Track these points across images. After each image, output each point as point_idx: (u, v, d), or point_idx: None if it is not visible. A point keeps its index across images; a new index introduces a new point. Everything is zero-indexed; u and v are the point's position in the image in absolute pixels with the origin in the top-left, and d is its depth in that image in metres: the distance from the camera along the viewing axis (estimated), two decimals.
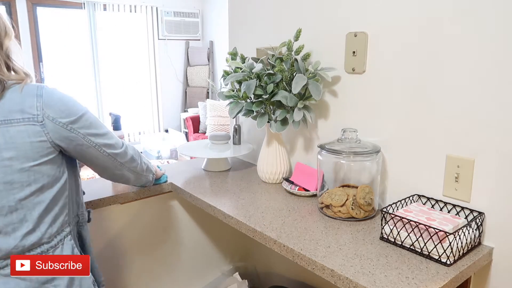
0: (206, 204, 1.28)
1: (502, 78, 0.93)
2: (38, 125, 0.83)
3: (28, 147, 0.82)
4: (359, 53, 1.21)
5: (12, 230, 0.85)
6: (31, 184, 0.84)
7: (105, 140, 0.99)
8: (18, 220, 0.85)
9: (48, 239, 0.91)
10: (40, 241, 0.89)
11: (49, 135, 0.85)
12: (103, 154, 1.00)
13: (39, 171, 0.85)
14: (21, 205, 0.85)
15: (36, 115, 0.83)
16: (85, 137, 0.93)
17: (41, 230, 0.89)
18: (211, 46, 6.04)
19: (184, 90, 6.12)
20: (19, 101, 0.83)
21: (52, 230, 0.91)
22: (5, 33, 0.86)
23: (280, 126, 1.33)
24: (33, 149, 0.83)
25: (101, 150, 0.98)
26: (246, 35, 1.65)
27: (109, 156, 1.01)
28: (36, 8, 4.94)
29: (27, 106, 0.83)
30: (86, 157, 0.98)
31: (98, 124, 0.97)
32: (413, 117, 1.11)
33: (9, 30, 0.88)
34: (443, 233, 0.90)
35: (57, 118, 0.86)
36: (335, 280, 0.88)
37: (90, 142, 0.94)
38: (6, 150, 0.80)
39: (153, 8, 5.68)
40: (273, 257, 1.72)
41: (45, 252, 0.91)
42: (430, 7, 1.04)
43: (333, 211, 1.14)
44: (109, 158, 1.02)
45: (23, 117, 0.82)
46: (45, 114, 0.84)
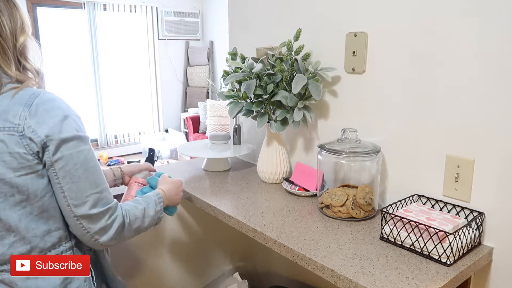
0: (206, 204, 1.28)
1: (502, 78, 0.93)
2: (17, 135, 0.78)
3: (7, 157, 0.78)
4: (359, 53, 1.22)
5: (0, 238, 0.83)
6: (14, 194, 0.80)
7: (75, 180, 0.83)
8: (4, 229, 0.83)
9: (40, 253, 0.87)
10: (30, 253, 0.86)
11: (28, 147, 0.79)
12: (70, 213, 0.85)
13: (22, 182, 0.80)
14: (6, 214, 0.81)
15: (17, 124, 0.78)
16: (53, 163, 0.81)
17: (32, 243, 0.85)
18: (211, 46, 6.04)
19: (184, 90, 6.12)
20: (6, 108, 0.79)
21: (45, 244, 0.87)
22: (21, 29, 0.84)
23: (280, 126, 1.33)
24: (13, 160, 0.78)
25: (60, 189, 0.83)
26: (246, 35, 1.65)
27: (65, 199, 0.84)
28: (36, 8, 4.94)
29: (11, 115, 0.79)
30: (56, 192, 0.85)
31: (88, 159, 0.84)
32: (413, 117, 1.11)
33: (26, 27, 0.85)
34: (443, 233, 0.90)
35: (36, 130, 0.79)
36: (335, 280, 0.88)
37: (54, 171, 0.82)
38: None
39: (153, 8, 5.68)
40: (273, 257, 1.72)
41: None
42: (430, 7, 1.04)
43: (333, 211, 1.14)
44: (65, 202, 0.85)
45: (3, 126, 0.78)
46: (27, 124, 0.79)
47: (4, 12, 0.82)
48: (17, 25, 0.83)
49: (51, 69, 5.11)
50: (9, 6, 0.83)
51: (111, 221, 0.89)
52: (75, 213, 0.85)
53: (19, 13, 0.85)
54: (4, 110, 0.79)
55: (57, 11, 5.12)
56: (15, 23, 0.83)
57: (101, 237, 0.88)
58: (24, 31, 0.85)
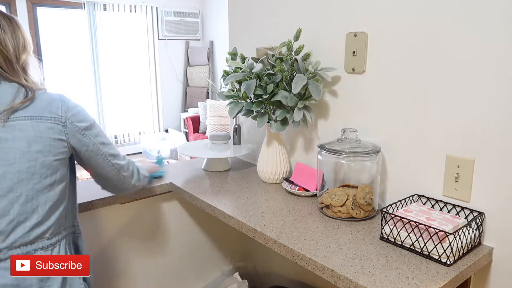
0: (206, 204, 1.28)
1: (502, 78, 0.93)
2: (61, 125, 0.92)
3: (51, 142, 0.90)
4: (359, 53, 1.22)
5: (23, 220, 0.88)
6: (47, 177, 0.90)
7: (111, 150, 1.05)
8: (31, 210, 0.89)
9: (50, 236, 0.93)
10: (43, 235, 0.92)
11: (67, 135, 0.93)
12: (108, 164, 1.05)
13: (55, 166, 0.92)
14: (37, 196, 0.89)
15: (60, 116, 0.92)
16: (95, 145, 1.00)
17: (47, 225, 0.92)
18: (211, 46, 6.04)
19: (184, 90, 6.12)
20: (48, 102, 0.92)
21: (55, 228, 0.94)
22: (23, 47, 0.94)
23: (280, 126, 1.33)
24: (55, 145, 0.91)
25: (107, 160, 1.04)
26: (246, 35, 1.65)
27: (113, 166, 1.06)
28: (36, 8, 4.94)
29: (54, 108, 0.92)
30: (93, 164, 1.03)
31: (104, 134, 1.04)
32: (413, 117, 1.11)
33: (28, 45, 0.95)
34: (443, 233, 0.90)
35: (75, 122, 0.95)
36: (335, 280, 0.88)
37: (98, 150, 1.01)
38: (34, 143, 0.88)
39: (153, 8, 5.68)
40: (273, 257, 1.72)
41: (45, 248, 0.92)
42: (430, 7, 1.04)
43: (333, 211, 1.14)
44: (113, 169, 1.07)
45: (50, 116, 0.91)
46: (67, 116, 0.93)
47: (7, 31, 0.91)
48: (20, 43, 0.93)
49: (51, 69, 5.11)
50: (12, 25, 0.92)
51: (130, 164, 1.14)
52: (117, 165, 1.07)
53: (21, 32, 0.94)
54: (48, 103, 0.92)
55: (57, 11, 5.12)
56: (18, 42, 0.93)
57: (132, 179, 1.14)
58: (26, 49, 0.95)
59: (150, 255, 1.55)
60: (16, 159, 0.85)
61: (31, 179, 0.87)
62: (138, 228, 1.49)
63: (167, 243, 1.59)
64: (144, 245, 1.53)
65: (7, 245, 0.87)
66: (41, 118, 0.89)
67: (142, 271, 1.55)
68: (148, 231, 1.53)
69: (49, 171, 0.90)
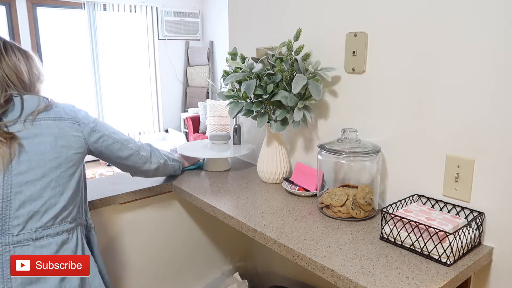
0: (206, 204, 1.28)
1: (502, 78, 0.93)
2: (77, 124, 1.05)
3: (72, 138, 1.03)
4: (359, 53, 1.22)
5: (54, 203, 0.98)
6: (69, 168, 1.02)
7: (123, 137, 1.19)
8: (59, 194, 0.99)
9: (71, 220, 1.02)
10: (66, 218, 1.01)
11: (83, 132, 1.06)
12: (126, 148, 1.19)
13: (75, 160, 1.04)
14: (63, 183, 1.01)
15: (74, 117, 1.06)
16: (109, 135, 1.13)
17: (69, 209, 1.02)
18: (211, 46, 6.04)
19: (184, 90, 6.12)
20: (63, 107, 1.06)
21: (75, 213, 1.04)
22: (38, 78, 1.09)
23: (280, 126, 1.33)
24: (74, 140, 1.04)
25: (124, 145, 1.18)
26: (246, 35, 1.65)
27: (131, 150, 1.21)
28: (36, 8, 4.94)
29: (68, 111, 1.06)
30: (114, 152, 1.16)
31: (109, 125, 1.17)
32: (413, 117, 1.11)
33: (42, 76, 1.11)
34: (443, 233, 0.90)
35: (86, 122, 1.08)
36: (335, 280, 0.88)
37: (112, 138, 1.14)
38: (60, 138, 1.01)
39: (153, 8, 5.68)
40: (273, 257, 1.72)
41: (67, 231, 1.01)
42: (430, 7, 1.04)
43: (333, 211, 1.14)
44: (132, 151, 1.21)
45: (67, 116, 1.04)
46: (78, 117, 1.06)
47: (22, 62, 1.06)
48: (35, 76, 1.08)
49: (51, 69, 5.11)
50: (29, 62, 1.07)
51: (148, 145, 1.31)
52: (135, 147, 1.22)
53: (36, 66, 1.09)
54: (63, 108, 1.05)
55: (57, 11, 5.12)
56: (32, 73, 1.08)
57: (152, 158, 1.30)
58: (39, 79, 1.10)
59: (150, 255, 1.55)
60: (47, 150, 0.98)
61: (58, 167, 0.99)
62: (138, 228, 1.49)
63: (167, 243, 1.59)
64: (144, 245, 1.53)
65: (42, 225, 0.96)
66: (61, 119, 1.03)
67: (142, 271, 1.55)
68: (148, 231, 1.53)
69: (71, 163, 1.02)
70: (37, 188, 0.96)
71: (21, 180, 0.94)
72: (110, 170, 5.00)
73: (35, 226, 0.95)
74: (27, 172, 0.95)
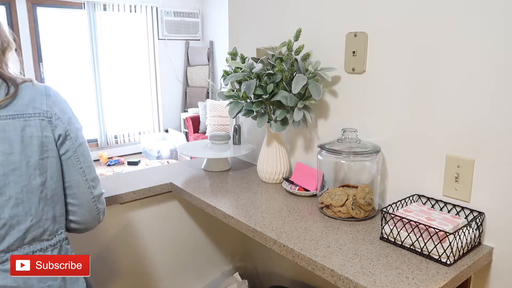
0: (206, 204, 1.28)
1: (502, 78, 0.93)
2: (46, 121, 0.88)
3: (37, 141, 0.87)
4: (359, 53, 1.22)
5: (16, 223, 0.86)
6: (36, 177, 0.87)
7: (92, 172, 0.97)
8: (23, 213, 0.87)
9: (48, 237, 0.92)
10: (41, 236, 0.90)
11: (54, 131, 0.89)
12: (84, 183, 0.96)
13: (44, 165, 0.88)
14: (28, 197, 0.87)
15: (46, 111, 0.89)
16: (76, 153, 0.93)
17: (44, 226, 0.90)
18: (211, 46, 6.04)
19: (184, 90, 6.12)
20: (32, 97, 0.88)
21: (53, 228, 0.92)
22: (7, 45, 0.92)
23: (280, 126, 1.33)
24: (41, 143, 0.87)
25: (84, 178, 0.95)
26: (246, 35, 1.65)
27: (89, 189, 0.96)
28: (36, 8, 4.94)
29: (38, 103, 0.88)
30: (66, 177, 0.94)
31: (89, 151, 0.98)
32: (413, 117, 1.11)
33: (11, 43, 0.93)
34: (443, 233, 0.90)
35: (61, 117, 0.91)
36: (335, 280, 0.88)
37: (77, 161, 0.94)
38: (17, 143, 0.84)
39: (153, 8, 5.68)
40: (273, 257, 1.72)
41: (44, 250, 0.91)
42: (430, 7, 1.04)
43: (333, 211, 1.14)
44: (88, 192, 0.96)
45: (34, 112, 0.87)
46: (53, 111, 0.89)
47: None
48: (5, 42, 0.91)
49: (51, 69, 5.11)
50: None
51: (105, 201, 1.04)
52: (93, 194, 0.97)
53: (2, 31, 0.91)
54: (31, 98, 0.88)
55: (57, 11, 5.12)
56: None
57: (102, 216, 1.02)
58: (10, 48, 0.92)
59: (150, 255, 1.55)
60: (0, 162, 0.82)
61: (19, 181, 0.84)
62: (138, 228, 1.49)
63: (167, 243, 1.59)
64: (144, 245, 1.53)
65: (3, 249, 0.85)
66: (24, 116, 0.85)
67: (142, 271, 1.55)
68: (148, 231, 1.53)
69: (37, 171, 0.87)
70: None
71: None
72: (110, 170, 5.00)
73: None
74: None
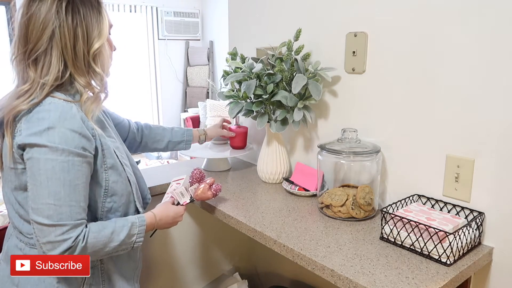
0: (206, 204, 1.28)
1: (502, 78, 0.93)
2: (16, 135, 0.88)
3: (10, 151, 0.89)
4: (359, 53, 1.22)
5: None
6: (14, 182, 0.92)
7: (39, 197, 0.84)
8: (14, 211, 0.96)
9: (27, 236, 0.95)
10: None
11: (19, 146, 0.86)
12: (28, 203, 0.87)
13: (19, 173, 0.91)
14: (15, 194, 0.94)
15: (19, 127, 0.87)
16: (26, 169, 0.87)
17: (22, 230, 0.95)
18: (211, 46, 6.04)
19: (184, 90, 6.12)
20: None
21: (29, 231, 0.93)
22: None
23: (280, 126, 1.33)
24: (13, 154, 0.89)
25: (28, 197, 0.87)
26: (246, 35, 1.65)
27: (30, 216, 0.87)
28: None
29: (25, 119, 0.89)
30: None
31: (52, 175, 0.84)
32: (413, 117, 1.11)
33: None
34: (443, 233, 0.90)
35: (22, 133, 0.86)
36: (335, 280, 0.88)
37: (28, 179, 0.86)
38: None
39: (153, 8, 5.67)
40: (273, 257, 1.72)
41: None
42: (430, 7, 1.04)
43: (333, 211, 1.14)
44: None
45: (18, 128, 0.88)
46: (21, 127, 0.86)
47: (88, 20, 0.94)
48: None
49: None
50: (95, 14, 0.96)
51: (62, 239, 0.84)
52: (31, 216, 0.86)
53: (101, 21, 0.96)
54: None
55: None
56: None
57: (48, 251, 0.85)
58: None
59: (150, 255, 1.55)
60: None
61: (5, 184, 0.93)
62: None
63: (167, 243, 1.59)
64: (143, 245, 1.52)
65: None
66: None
67: (142, 271, 1.54)
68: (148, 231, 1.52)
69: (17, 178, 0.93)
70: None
71: None
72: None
73: None
74: None
